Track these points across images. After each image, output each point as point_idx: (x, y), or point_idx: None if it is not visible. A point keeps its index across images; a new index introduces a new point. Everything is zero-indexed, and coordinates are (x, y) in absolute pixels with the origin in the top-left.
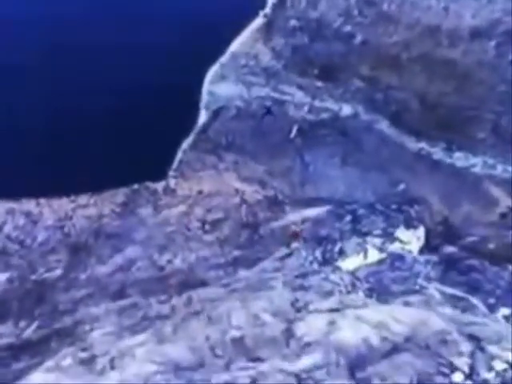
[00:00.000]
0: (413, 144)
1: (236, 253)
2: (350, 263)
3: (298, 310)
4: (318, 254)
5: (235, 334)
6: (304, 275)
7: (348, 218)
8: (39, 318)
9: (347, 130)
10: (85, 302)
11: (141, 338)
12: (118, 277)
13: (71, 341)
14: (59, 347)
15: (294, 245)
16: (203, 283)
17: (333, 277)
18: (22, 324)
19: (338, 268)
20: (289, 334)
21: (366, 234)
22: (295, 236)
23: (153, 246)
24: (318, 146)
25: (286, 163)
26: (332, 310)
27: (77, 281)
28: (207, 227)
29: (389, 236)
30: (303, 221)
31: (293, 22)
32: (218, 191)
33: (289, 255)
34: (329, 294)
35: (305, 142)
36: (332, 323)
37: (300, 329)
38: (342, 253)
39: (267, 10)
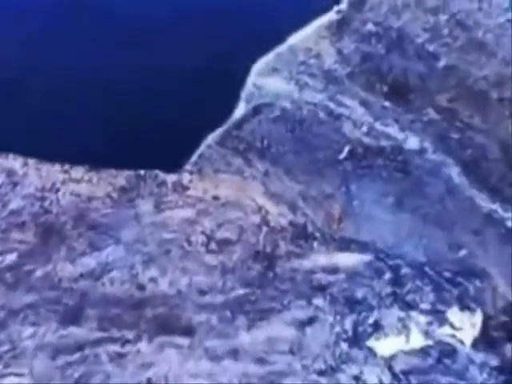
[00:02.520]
0: (485, 202)
1: (241, 291)
2: (387, 346)
3: None
4: (348, 324)
5: None
6: (328, 367)
7: (388, 275)
8: None
9: (409, 167)
10: (21, 316)
11: None
12: (81, 286)
13: None
14: None
15: (318, 301)
16: (186, 330)
17: (366, 373)
18: None
19: (371, 352)
20: None
21: (409, 306)
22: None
23: (140, 252)
24: (370, 178)
25: (327, 189)
26: None
27: (28, 278)
28: (213, 246)
29: (438, 315)
30: (333, 270)
31: (369, 27)
32: (238, 202)
33: (310, 321)
34: None
35: (355, 169)
36: None
37: None
38: (377, 327)
39: (342, 6)
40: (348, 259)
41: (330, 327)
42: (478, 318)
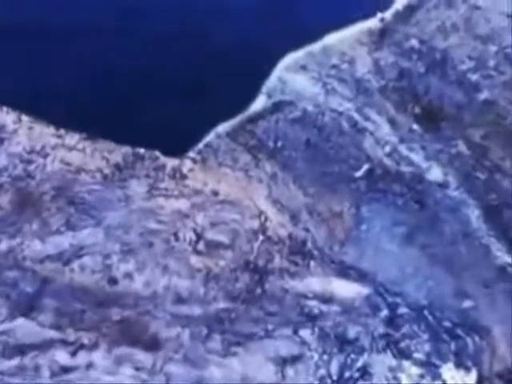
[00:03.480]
0: (501, 254)
1: (222, 305)
2: None
3: None
4: (334, 366)
5: None
6: None
7: (384, 312)
8: None
9: (427, 200)
10: None
11: None
12: (46, 270)
13: None
14: None
15: (305, 333)
16: (152, 344)
17: None
18: None
19: None
20: None
21: (403, 354)
22: None
23: (120, 240)
24: (384, 204)
25: (336, 206)
26: None
27: None
28: (201, 246)
29: (431, 369)
30: (328, 299)
31: (413, 42)
32: (237, 202)
33: (294, 359)
34: None
35: (369, 191)
36: None
37: None
38: (365, 373)
39: (387, 14)
40: (345, 289)
41: (315, 368)
42: (472, 378)
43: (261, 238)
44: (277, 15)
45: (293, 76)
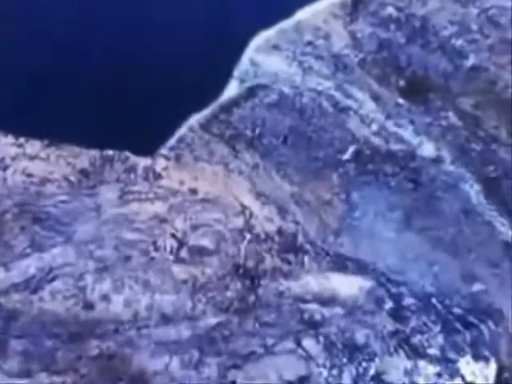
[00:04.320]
0: (506, 229)
1: (213, 320)
2: None
3: None
4: (346, 380)
5: None
6: None
7: (389, 304)
8: None
9: (421, 178)
10: None
11: None
12: (13, 299)
13: None
14: None
15: (309, 344)
16: (138, 381)
17: None
18: None
19: None
20: None
21: (416, 352)
22: None
23: (93, 257)
24: (376, 187)
25: (325, 194)
26: None
27: None
28: (184, 254)
29: (448, 365)
30: (329, 300)
31: (390, 10)
32: (218, 200)
33: (301, 380)
34: None
35: (359, 174)
36: None
37: None
38: (380, 381)
39: None
40: (345, 286)
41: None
42: (492, 369)
43: (248, 237)
44: None
45: (265, 57)
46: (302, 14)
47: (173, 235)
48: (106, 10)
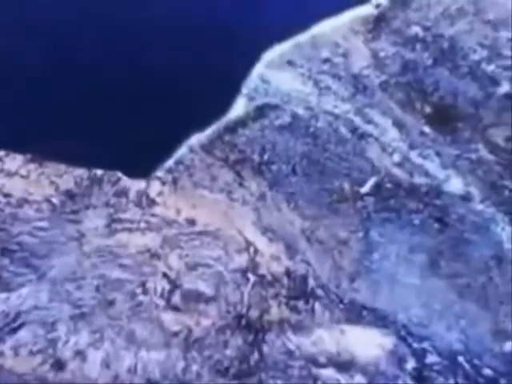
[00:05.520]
0: None
1: None
2: None
3: None
4: None
5: None
6: None
7: (411, 364)
8: None
9: (448, 217)
10: None
11: None
12: None
13: None
14: None
15: None
16: None
17: None
18: None
19: None
20: None
21: None
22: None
23: (69, 300)
24: (398, 225)
25: (340, 232)
26: None
27: None
28: (176, 299)
29: None
30: (346, 363)
31: (415, 30)
32: (219, 233)
33: None
34: None
35: (379, 210)
36: None
37: None
38: None
39: (383, 1)
40: (364, 344)
41: None
42: None
43: (252, 279)
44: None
45: (278, 73)
46: (320, 29)
47: (165, 275)
48: (104, 23)
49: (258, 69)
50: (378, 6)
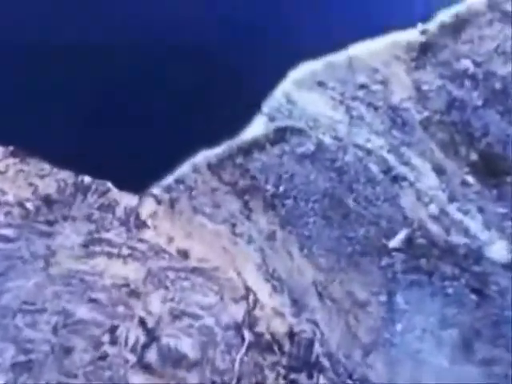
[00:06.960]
0: None
1: None
2: None
3: None
4: None
5: None
6: None
7: None
8: None
9: (488, 288)
10: None
11: None
12: None
13: None
14: None
15: None
16: None
17: None
18: None
19: None
20: None
21: None
22: None
23: (16, 344)
24: (428, 292)
25: (359, 291)
26: None
27: None
28: (151, 357)
29: None
30: None
31: (465, 64)
32: (214, 272)
33: None
34: None
35: (407, 270)
36: None
37: None
38: None
39: (431, 27)
40: None
41: None
42: None
43: (247, 339)
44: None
45: (306, 94)
46: (357, 50)
47: (142, 322)
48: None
49: (284, 86)
50: (424, 32)
